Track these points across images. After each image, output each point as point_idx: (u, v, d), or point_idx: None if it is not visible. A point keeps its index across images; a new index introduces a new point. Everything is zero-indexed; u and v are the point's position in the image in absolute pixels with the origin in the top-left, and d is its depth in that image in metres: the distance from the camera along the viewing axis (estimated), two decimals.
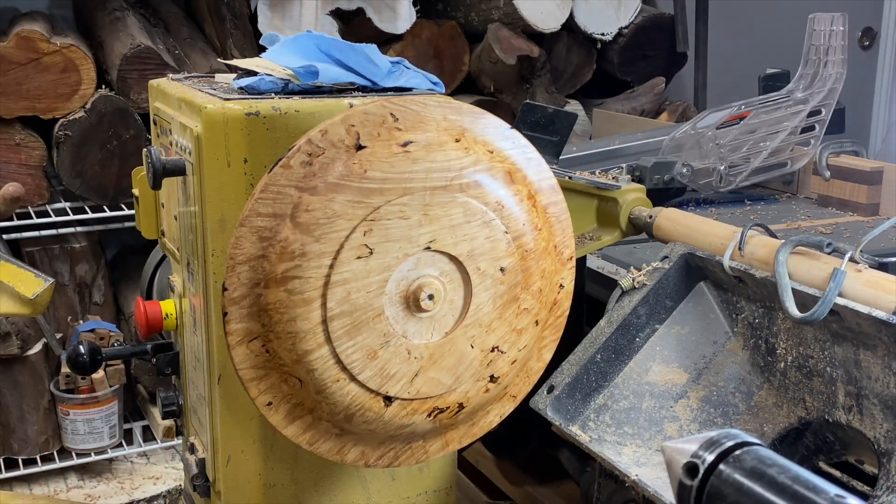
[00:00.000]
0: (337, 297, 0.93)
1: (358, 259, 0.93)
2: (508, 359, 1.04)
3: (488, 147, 1.01)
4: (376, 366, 0.97)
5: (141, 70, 2.46)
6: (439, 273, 0.97)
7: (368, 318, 0.95)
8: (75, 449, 2.55)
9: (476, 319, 1.00)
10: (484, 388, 1.04)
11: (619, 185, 1.47)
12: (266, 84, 1.24)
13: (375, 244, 0.93)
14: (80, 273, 2.63)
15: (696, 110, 2.93)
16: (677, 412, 1.26)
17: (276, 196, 0.93)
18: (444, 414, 1.04)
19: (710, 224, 1.33)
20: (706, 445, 0.64)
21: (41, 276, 1.50)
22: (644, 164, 2.00)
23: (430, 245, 0.96)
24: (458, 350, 1.00)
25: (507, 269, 1.00)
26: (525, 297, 1.03)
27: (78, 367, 1.41)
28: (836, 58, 2.09)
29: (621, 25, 3.10)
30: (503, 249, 0.99)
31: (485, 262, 0.99)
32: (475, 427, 1.11)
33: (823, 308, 1.07)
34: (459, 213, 0.97)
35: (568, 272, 1.10)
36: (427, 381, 1.00)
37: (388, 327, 0.97)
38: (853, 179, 2.12)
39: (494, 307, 1.01)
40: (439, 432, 1.08)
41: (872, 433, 1.10)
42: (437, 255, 0.97)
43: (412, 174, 0.94)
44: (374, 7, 2.78)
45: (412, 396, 1.00)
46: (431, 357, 0.99)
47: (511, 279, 1.01)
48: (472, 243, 0.98)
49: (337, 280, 0.93)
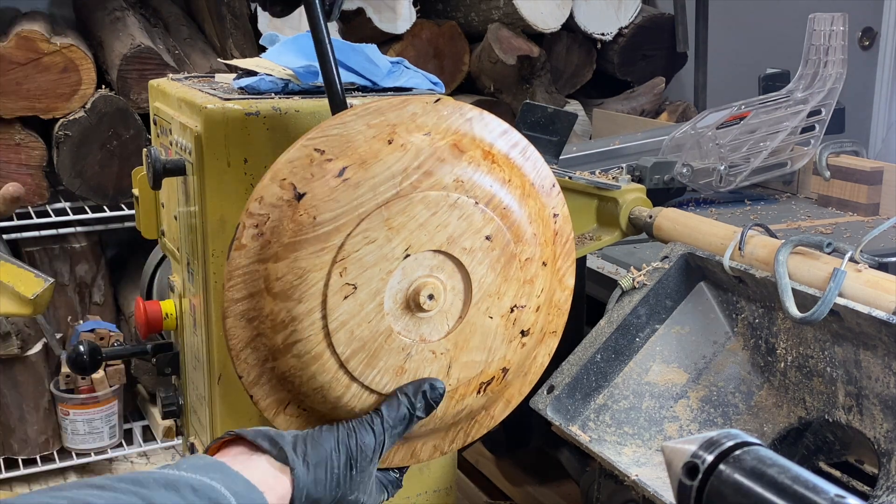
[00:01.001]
0: (342, 340, 0.93)
1: (346, 299, 0.92)
2: (531, 308, 1.02)
3: (423, 131, 0.97)
4: (408, 378, 0.97)
5: (141, 70, 2.46)
6: (430, 270, 0.96)
7: (381, 343, 0.94)
8: (75, 449, 2.55)
9: (484, 293, 0.98)
10: (520, 345, 1.03)
11: (619, 185, 1.47)
12: (266, 84, 1.24)
13: (355, 279, 0.92)
14: (80, 273, 2.63)
15: (696, 110, 2.93)
16: (677, 412, 1.26)
17: (244, 278, 0.93)
18: (492, 384, 1.03)
19: (710, 224, 1.33)
20: (706, 445, 0.64)
21: (41, 276, 1.50)
22: (644, 164, 2.00)
23: (408, 252, 0.94)
24: (479, 327, 0.99)
25: (492, 235, 0.98)
26: (522, 249, 1.00)
27: (78, 367, 1.41)
28: (836, 58, 2.09)
29: (621, 25, 3.10)
30: (480, 219, 0.96)
31: (468, 240, 0.96)
32: (529, 375, 1.11)
33: (823, 308, 1.07)
34: (422, 210, 0.94)
35: (556, 199, 1.07)
36: (462, 367, 0.99)
37: (403, 340, 0.95)
38: (853, 179, 2.12)
39: (496, 273, 0.98)
40: (497, 398, 1.08)
41: (872, 433, 1.10)
42: (420, 256, 0.95)
43: (360, 199, 0.92)
44: (374, 7, 2.78)
45: (454, 386, 1.00)
46: (457, 345, 0.98)
47: (500, 241, 0.98)
48: (447, 230, 0.95)
49: (335, 326, 0.92)
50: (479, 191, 0.97)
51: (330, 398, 0.95)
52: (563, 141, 1.51)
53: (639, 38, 3.13)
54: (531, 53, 2.92)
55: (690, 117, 2.47)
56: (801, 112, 2.12)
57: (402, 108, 0.98)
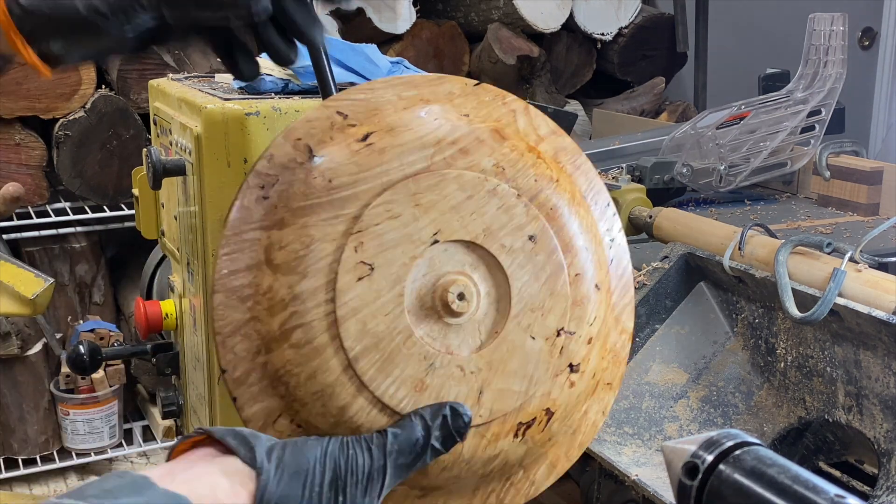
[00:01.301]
0: (352, 333, 0.76)
1: (360, 281, 0.77)
2: (582, 339, 0.84)
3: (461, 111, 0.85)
4: (429, 397, 0.78)
5: (141, 70, 2.46)
6: (461, 267, 0.80)
7: (398, 344, 0.77)
8: (75, 449, 2.55)
9: (525, 304, 0.81)
10: (568, 383, 0.83)
11: (619, 185, 1.47)
12: (266, 84, 1.24)
13: (373, 257, 0.77)
14: (80, 273, 2.63)
15: (696, 110, 2.93)
16: (677, 412, 1.26)
17: (242, 246, 0.79)
18: (533, 428, 0.83)
19: (710, 224, 1.33)
20: (706, 445, 0.64)
21: (41, 276, 1.50)
22: (644, 164, 2.00)
23: (436, 238, 0.79)
24: (518, 347, 0.81)
25: (536, 236, 0.82)
26: (572, 261, 0.84)
27: (78, 367, 1.41)
28: (836, 58, 2.09)
29: (621, 25, 3.10)
30: (522, 215, 0.82)
31: (508, 237, 0.81)
32: (578, 435, 0.89)
33: (823, 308, 1.07)
34: (456, 190, 0.80)
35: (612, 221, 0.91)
36: (496, 394, 0.80)
37: (426, 348, 0.78)
38: (853, 179, 2.12)
39: (540, 283, 0.82)
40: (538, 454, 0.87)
41: (872, 433, 1.10)
42: (451, 247, 0.79)
43: (385, 166, 0.79)
44: (374, 7, 2.78)
45: (486, 419, 0.80)
46: (490, 366, 0.80)
47: (546, 245, 0.82)
48: (483, 220, 0.80)
49: (345, 314, 0.76)
50: (522, 182, 0.83)
51: (332, 408, 0.77)
52: None
53: (639, 38, 3.13)
54: (531, 53, 2.92)
55: (690, 117, 2.47)
56: (801, 112, 2.12)
57: (437, 84, 0.87)
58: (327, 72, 0.97)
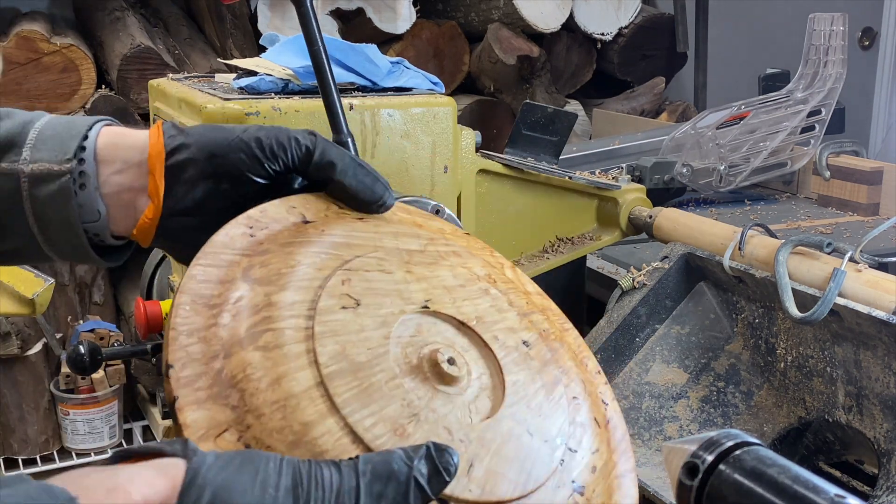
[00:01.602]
0: (329, 350, 0.67)
1: (344, 310, 0.69)
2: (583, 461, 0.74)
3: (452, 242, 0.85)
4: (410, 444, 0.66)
5: (141, 70, 2.46)
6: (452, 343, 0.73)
7: (379, 381, 0.67)
8: (75, 449, 2.55)
9: (521, 399, 0.73)
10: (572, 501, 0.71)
11: (619, 185, 1.47)
12: (266, 84, 1.24)
13: (360, 295, 0.71)
14: (80, 273, 2.63)
15: (696, 110, 2.93)
16: (677, 412, 1.26)
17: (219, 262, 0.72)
18: None
19: (710, 224, 1.33)
20: (706, 445, 0.64)
21: (41, 276, 1.51)
22: (644, 164, 2.00)
23: (427, 304, 0.74)
24: (513, 436, 0.70)
25: (530, 343, 0.77)
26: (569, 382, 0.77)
27: (78, 367, 1.40)
28: (836, 58, 2.09)
29: (621, 25, 3.10)
30: (515, 321, 0.77)
31: (501, 332, 0.76)
32: None
33: (823, 308, 1.07)
34: (449, 276, 0.76)
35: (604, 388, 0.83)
36: (490, 474, 0.67)
37: (411, 396, 0.68)
38: (853, 179, 2.13)
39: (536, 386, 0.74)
40: None
41: (872, 433, 1.10)
42: (441, 322, 0.74)
43: (379, 235, 0.77)
44: (374, 7, 2.78)
45: (477, 498, 0.65)
46: (483, 442, 0.68)
47: (541, 354, 0.77)
48: (476, 307, 0.76)
49: (324, 331, 0.68)
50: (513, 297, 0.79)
51: (293, 423, 0.64)
52: (563, 141, 1.51)
53: (639, 38, 3.13)
54: (531, 53, 2.92)
55: (690, 117, 2.47)
56: (801, 112, 2.12)
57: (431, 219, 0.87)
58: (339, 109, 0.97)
